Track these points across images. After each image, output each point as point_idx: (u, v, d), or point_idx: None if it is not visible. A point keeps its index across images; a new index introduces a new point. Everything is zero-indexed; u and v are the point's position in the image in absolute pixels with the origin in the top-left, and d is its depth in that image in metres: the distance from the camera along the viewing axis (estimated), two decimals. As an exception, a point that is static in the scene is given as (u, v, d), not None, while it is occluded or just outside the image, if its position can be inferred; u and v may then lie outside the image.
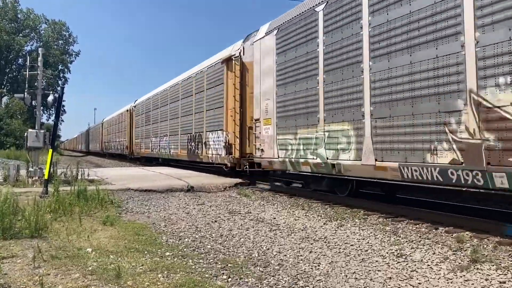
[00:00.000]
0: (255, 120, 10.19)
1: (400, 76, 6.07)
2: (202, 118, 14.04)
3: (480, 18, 5.05)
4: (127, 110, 26.75)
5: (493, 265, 3.99)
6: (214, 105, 12.97)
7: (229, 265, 4.12)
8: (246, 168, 10.84)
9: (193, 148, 14.87)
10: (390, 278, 3.75)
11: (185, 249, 4.71)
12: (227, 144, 11.73)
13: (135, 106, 25.44)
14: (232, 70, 11.47)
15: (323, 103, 7.73)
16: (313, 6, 8.17)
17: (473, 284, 3.57)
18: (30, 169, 10.56)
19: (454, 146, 5.30)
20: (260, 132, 9.91)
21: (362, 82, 6.79)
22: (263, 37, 10.00)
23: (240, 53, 11.38)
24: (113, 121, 32.69)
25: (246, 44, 11.34)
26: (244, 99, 11.20)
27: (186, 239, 5.21)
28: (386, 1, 6.35)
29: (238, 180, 11.12)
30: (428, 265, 4.10)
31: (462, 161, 5.19)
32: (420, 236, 5.27)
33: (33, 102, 12.17)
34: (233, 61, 11.46)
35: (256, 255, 4.51)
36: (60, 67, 56.84)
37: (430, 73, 5.64)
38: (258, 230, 5.79)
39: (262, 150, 9.79)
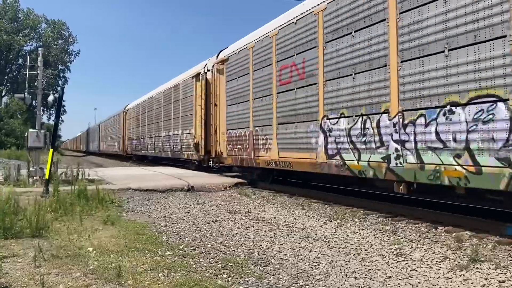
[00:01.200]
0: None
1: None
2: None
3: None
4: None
5: (492, 265, 4.01)
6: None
7: (229, 264, 4.13)
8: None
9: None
10: (389, 277, 3.77)
11: (185, 249, 4.72)
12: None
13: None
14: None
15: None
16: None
17: (472, 283, 3.59)
18: (31, 169, 10.57)
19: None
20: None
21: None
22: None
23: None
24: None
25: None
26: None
27: (186, 239, 5.23)
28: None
29: (238, 180, 11.14)
30: (428, 264, 4.11)
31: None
32: (419, 236, 5.29)
33: (34, 102, 12.20)
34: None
35: (256, 254, 4.53)
36: (60, 67, 56.89)
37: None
38: (258, 229, 5.81)
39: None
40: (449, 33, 5.42)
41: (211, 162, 13.61)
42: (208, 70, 13.79)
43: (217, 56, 13.20)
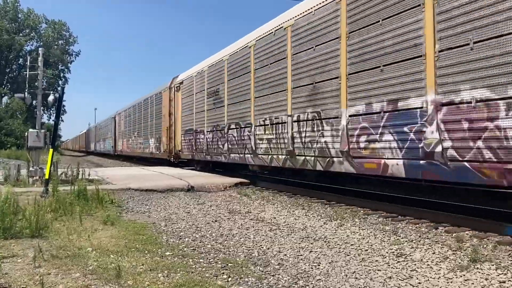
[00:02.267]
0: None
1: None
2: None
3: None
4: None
5: (493, 265, 4.00)
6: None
7: (229, 264, 4.12)
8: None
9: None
10: (390, 277, 3.76)
11: (185, 249, 4.72)
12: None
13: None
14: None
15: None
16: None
17: (473, 283, 3.58)
18: (31, 169, 10.57)
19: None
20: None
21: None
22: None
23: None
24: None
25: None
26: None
27: (186, 239, 5.22)
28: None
29: (239, 180, 11.14)
30: (428, 264, 4.11)
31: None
32: (420, 236, 5.28)
33: (34, 102, 12.21)
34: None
35: (256, 255, 4.52)
36: (60, 67, 56.90)
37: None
38: (258, 229, 5.80)
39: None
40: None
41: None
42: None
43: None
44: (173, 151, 17.49)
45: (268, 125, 9.74)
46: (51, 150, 8.87)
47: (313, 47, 8.12)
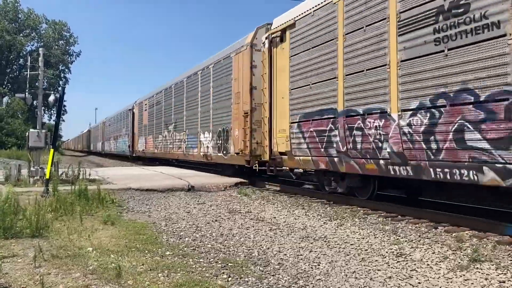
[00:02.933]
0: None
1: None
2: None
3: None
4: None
5: (492, 265, 4.00)
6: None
7: (229, 264, 4.13)
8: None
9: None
10: (390, 277, 3.76)
11: (185, 249, 4.72)
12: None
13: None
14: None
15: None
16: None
17: (472, 283, 3.58)
18: (32, 168, 10.58)
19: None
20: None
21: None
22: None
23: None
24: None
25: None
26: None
27: (186, 239, 5.23)
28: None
29: (239, 180, 11.14)
30: (428, 264, 4.11)
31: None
32: (419, 236, 5.28)
33: (34, 102, 12.22)
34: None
35: (256, 255, 4.53)
36: (61, 67, 56.91)
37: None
38: (258, 229, 5.81)
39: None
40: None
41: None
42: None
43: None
44: (264, 152, 10.12)
45: None
46: (51, 150, 8.89)
47: None
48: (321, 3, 8.06)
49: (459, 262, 4.12)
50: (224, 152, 12.50)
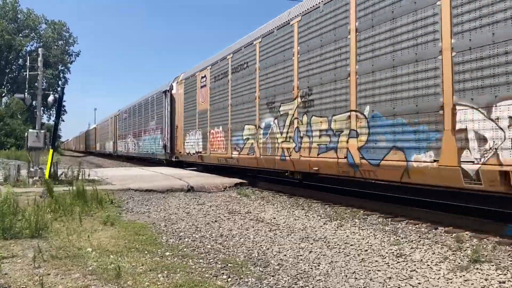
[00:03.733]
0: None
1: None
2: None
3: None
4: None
5: (492, 265, 4.00)
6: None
7: (229, 265, 4.12)
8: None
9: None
10: (390, 278, 3.76)
11: (185, 249, 4.71)
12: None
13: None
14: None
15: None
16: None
17: (472, 284, 3.58)
18: (31, 169, 10.57)
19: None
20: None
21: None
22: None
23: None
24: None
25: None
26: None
27: (186, 239, 5.22)
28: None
29: (238, 180, 11.13)
30: (428, 265, 4.11)
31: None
32: (419, 236, 5.28)
33: (34, 102, 12.20)
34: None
35: (256, 255, 4.52)
36: (60, 67, 56.91)
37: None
38: (258, 230, 5.80)
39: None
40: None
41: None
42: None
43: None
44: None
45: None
46: (51, 151, 8.88)
47: None
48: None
49: (459, 263, 4.12)
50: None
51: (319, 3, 8.09)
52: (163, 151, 18.05)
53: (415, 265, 4.11)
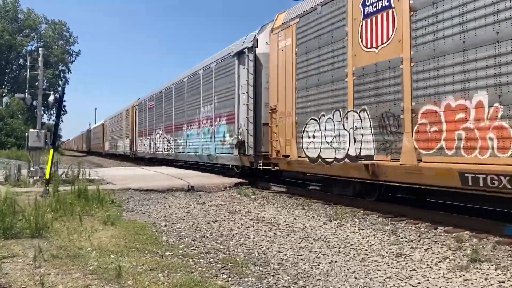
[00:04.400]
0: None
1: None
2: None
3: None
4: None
5: (492, 265, 4.00)
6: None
7: (229, 264, 4.13)
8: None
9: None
10: (389, 277, 3.76)
11: (185, 249, 4.72)
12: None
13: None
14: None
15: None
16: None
17: (472, 283, 3.58)
18: (31, 169, 10.58)
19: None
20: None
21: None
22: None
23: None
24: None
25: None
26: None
27: (186, 239, 5.23)
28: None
29: (238, 180, 11.13)
30: (428, 264, 4.11)
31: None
32: (419, 236, 5.28)
33: (34, 102, 12.21)
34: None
35: (256, 255, 4.53)
36: (60, 67, 56.90)
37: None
38: (258, 229, 5.81)
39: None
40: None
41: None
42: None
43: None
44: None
45: None
46: (51, 150, 8.88)
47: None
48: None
49: (459, 262, 4.13)
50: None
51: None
52: (234, 153, 11.51)
53: (415, 264, 4.12)
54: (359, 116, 7.15)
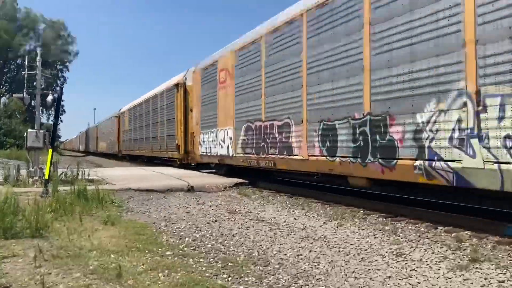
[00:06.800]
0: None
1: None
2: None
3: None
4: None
5: (492, 265, 4.01)
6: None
7: (229, 264, 4.14)
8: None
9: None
10: (389, 277, 3.77)
11: (185, 249, 4.73)
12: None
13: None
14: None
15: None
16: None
17: (472, 283, 3.59)
18: (31, 169, 10.56)
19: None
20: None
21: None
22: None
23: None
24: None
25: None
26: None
27: (186, 239, 5.23)
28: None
29: (238, 180, 11.13)
30: (428, 264, 4.12)
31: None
32: (419, 236, 5.29)
33: (32, 102, 12.19)
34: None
35: (256, 254, 4.53)
36: (59, 67, 56.85)
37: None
38: (258, 229, 5.82)
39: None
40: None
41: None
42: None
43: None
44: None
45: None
46: (50, 150, 8.87)
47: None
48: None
49: (459, 262, 4.14)
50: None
51: None
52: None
53: (414, 264, 4.13)
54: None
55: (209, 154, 13.45)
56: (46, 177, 8.53)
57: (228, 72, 11.88)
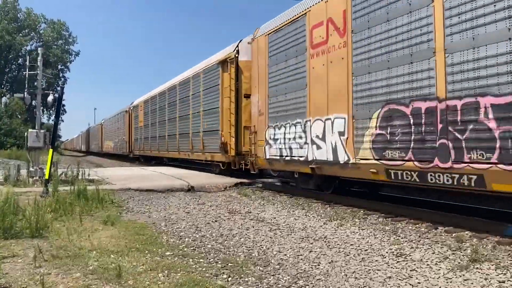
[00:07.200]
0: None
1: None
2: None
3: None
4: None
5: (492, 265, 4.01)
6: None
7: (229, 264, 4.13)
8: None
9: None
10: (389, 277, 3.77)
11: (185, 249, 4.72)
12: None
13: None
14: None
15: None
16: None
17: (472, 283, 3.59)
18: (31, 169, 10.57)
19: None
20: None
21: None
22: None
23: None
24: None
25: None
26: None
27: (186, 239, 5.23)
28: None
29: (238, 180, 11.14)
30: (428, 264, 4.11)
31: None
32: (419, 236, 5.29)
33: (33, 102, 12.19)
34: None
35: (256, 255, 4.53)
36: (60, 67, 56.85)
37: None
38: (258, 229, 5.81)
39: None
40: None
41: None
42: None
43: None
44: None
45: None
46: (50, 150, 8.88)
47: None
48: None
49: (459, 262, 4.13)
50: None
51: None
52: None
53: (415, 264, 4.12)
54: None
55: (286, 157, 9.08)
56: (46, 177, 8.53)
57: (333, 25, 7.68)
